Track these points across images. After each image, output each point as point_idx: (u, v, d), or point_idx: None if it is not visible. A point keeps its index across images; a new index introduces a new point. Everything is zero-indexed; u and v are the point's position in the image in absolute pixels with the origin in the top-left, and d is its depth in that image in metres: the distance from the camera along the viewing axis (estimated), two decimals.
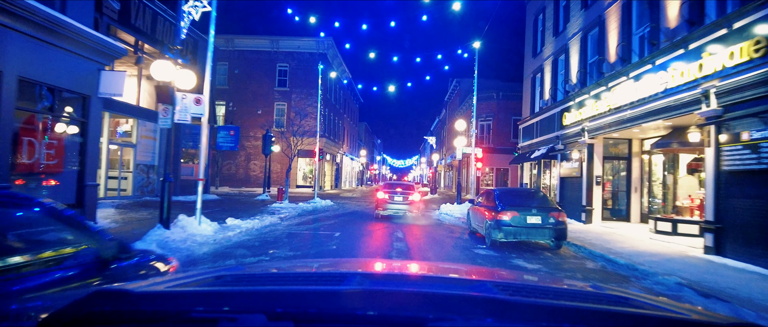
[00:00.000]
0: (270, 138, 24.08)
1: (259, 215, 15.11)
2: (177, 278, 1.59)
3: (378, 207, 16.46)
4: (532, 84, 22.98)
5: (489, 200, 11.21)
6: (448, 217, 17.85)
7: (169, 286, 1.32)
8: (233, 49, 37.14)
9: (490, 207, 10.74)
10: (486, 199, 11.56)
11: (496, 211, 10.27)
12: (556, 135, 18.46)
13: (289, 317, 0.95)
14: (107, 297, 1.04)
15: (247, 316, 0.94)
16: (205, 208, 17.59)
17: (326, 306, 1.03)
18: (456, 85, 49.74)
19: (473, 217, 12.52)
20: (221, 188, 34.25)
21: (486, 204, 11.30)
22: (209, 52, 10.90)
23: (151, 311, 1.00)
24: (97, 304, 1.00)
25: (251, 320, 0.93)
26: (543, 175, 21.24)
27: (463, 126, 21.39)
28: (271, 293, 1.17)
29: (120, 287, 1.15)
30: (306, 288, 1.20)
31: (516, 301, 1.14)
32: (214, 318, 0.95)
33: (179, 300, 1.10)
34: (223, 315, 0.95)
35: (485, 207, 11.19)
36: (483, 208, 11.32)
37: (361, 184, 67.28)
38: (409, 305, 1.05)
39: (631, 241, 11.35)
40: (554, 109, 18.99)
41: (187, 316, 0.97)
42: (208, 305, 1.03)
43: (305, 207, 19.54)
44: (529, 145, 22.39)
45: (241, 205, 19.81)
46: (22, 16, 7.99)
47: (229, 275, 1.45)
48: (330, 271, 1.86)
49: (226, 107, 36.96)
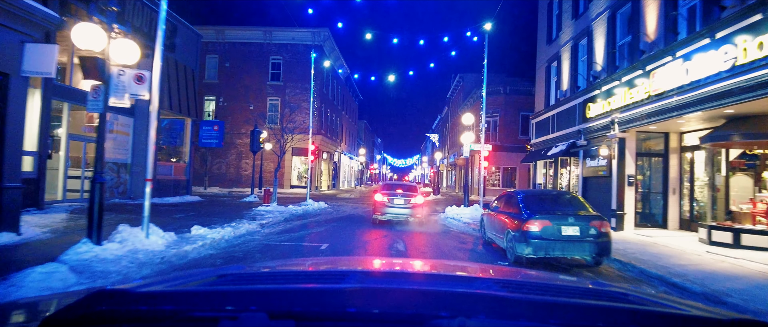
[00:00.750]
0: (258, 134, 21.97)
1: (236, 221, 13.00)
2: (178, 277, 1.62)
3: (375, 211, 14.36)
4: (546, 74, 20.83)
5: (511, 206, 9.07)
6: (455, 223, 15.73)
7: (170, 285, 1.33)
8: (224, 41, 35.03)
9: (514, 214, 8.61)
10: (506, 204, 9.43)
11: (521, 219, 8.14)
12: (577, 129, 16.32)
13: (291, 316, 0.93)
14: (108, 297, 1.01)
15: (249, 315, 0.92)
16: (176, 213, 15.58)
17: (327, 304, 1.03)
18: (459, 81, 47.56)
19: (489, 226, 10.39)
20: (210, 189, 32.14)
21: (507, 210, 9.17)
22: (161, 11, 8.71)
23: (152, 311, 0.98)
24: (98, 304, 0.97)
25: (252, 319, 0.91)
26: (560, 175, 19.10)
27: (471, 120, 19.24)
28: (272, 292, 1.18)
29: (121, 287, 1.11)
30: (307, 286, 1.26)
31: (517, 297, 1.19)
32: (215, 317, 0.93)
33: (180, 299, 1.09)
34: (224, 314, 0.94)
35: (506, 214, 9.06)
36: (503, 216, 9.19)
37: (361, 184, 65.08)
38: (410, 303, 1.05)
39: (686, 255, 9.20)
40: (574, 100, 16.86)
41: (188, 315, 0.96)
42: (209, 304, 1.03)
43: (294, 210, 17.42)
44: (544, 141, 20.25)
45: (222, 208, 17.70)
46: None
47: (231, 274, 1.46)
48: (331, 270, 1.86)
49: (217, 102, 34.86)
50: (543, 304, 1.10)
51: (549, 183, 20.47)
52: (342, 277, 1.44)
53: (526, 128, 34.40)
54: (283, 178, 34.58)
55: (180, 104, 19.77)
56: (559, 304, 1.11)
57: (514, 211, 8.68)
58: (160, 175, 19.23)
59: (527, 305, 1.08)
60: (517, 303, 1.10)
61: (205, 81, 35.13)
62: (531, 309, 1.04)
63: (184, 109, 20.05)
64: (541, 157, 19.65)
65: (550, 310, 1.04)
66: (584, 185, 15.94)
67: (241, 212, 15.97)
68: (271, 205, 17.98)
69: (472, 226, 14.48)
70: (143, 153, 18.18)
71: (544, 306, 1.08)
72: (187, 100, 20.33)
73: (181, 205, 17.99)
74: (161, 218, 12.32)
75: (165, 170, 19.70)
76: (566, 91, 18.10)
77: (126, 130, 18.00)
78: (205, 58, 35.25)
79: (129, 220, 9.14)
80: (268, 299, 1.06)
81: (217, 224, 11.91)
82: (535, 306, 1.08)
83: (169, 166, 19.94)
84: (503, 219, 9.07)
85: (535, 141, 21.65)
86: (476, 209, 18.00)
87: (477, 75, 45.68)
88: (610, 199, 13.61)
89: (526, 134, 34.20)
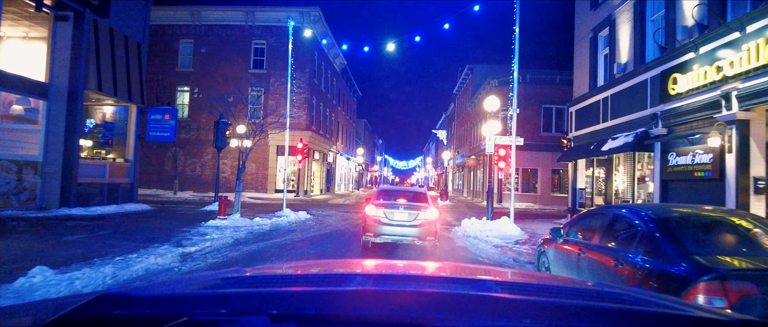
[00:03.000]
0: (224, 126, 17.38)
1: (155, 246, 8.46)
2: (179, 281, 1.57)
3: (366, 230, 9.77)
4: (591, 47, 16.16)
5: (627, 239, 4.41)
6: (482, 246, 11.08)
7: (171, 288, 1.34)
8: (200, 23, 30.47)
9: (647, 263, 3.94)
10: (609, 234, 4.78)
11: (677, 277, 3.51)
12: (650, 113, 11.66)
13: (292, 318, 0.94)
14: (110, 300, 1.02)
15: (250, 318, 0.93)
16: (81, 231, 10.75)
17: (328, 307, 1.03)
18: (467, 73, 42.87)
19: (569, 269, 5.67)
20: (182, 193, 27.56)
21: (618, 248, 4.51)
22: None
23: (153, 314, 0.99)
24: (100, 307, 0.99)
25: (253, 322, 0.92)
26: (613, 178, 14.42)
27: (496, 105, 14.53)
28: (273, 295, 1.18)
29: (122, 291, 1.12)
30: (308, 289, 1.24)
31: (518, 299, 1.16)
32: (216, 320, 0.94)
33: (181, 302, 1.10)
34: (225, 317, 0.95)
35: (618, 257, 4.37)
36: (610, 259, 4.51)
37: (360, 187, 60.34)
38: (411, 305, 1.04)
39: None
40: (644, 73, 12.20)
41: (189, 318, 0.95)
42: (210, 307, 1.04)
43: (258, 226, 12.79)
44: (590, 133, 15.59)
45: (162, 222, 13.07)
46: None
47: (232, 277, 1.45)
48: (331, 272, 1.83)
49: (191, 94, 30.26)
50: (545, 305, 1.10)
51: (599, 189, 15.80)
52: (343, 279, 1.43)
53: (549, 123, 29.75)
54: (266, 182, 29.95)
55: (117, 86, 15.16)
56: (561, 306, 1.10)
57: (645, 252, 4.03)
58: (87, 178, 14.60)
59: (529, 307, 1.07)
60: (519, 304, 1.09)
61: (178, 69, 30.60)
62: (533, 310, 1.04)
63: (122, 93, 15.44)
64: (588, 154, 14.99)
65: (552, 312, 1.03)
66: (663, 191, 11.26)
67: (181, 229, 11.36)
68: (228, 217, 13.35)
69: (510, 254, 9.83)
70: (61, 148, 13.56)
71: (546, 307, 1.07)
72: (128, 81, 15.72)
73: (109, 217, 13.38)
74: (36, 244, 7.90)
75: (95, 171, 15.04)
76: (626, 65, 13.44)
77: (34, 117, 13.40)
78: (178, 44, 30.75)
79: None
80: (269, 302, 1.06)
81: (115, 254, 7.50)
82: (537, 308, 1.07)
83: (102, 166, 15.28)
84: (614, 267, 4.39)
85: (576, 134, 16.97)
86: (506, 223, 13.34)
87: (488, 66, 40.93)
88: None
89: (549, 130, 29.52)
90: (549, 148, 28.05)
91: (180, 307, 1.03)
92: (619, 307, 1.15)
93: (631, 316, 1.07)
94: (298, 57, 29.81)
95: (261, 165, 30.22)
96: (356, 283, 1.33)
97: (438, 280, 1.67)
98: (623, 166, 14.30)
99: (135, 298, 1.05)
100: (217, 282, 1.37)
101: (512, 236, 12.31)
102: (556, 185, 29.58)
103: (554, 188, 29.36)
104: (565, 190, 30.54)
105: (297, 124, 30.01)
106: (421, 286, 1.42)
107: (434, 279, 1.71)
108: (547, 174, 29.15)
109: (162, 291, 1.25)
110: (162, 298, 1.12)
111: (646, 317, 1.08)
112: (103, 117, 16.70)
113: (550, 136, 28.75)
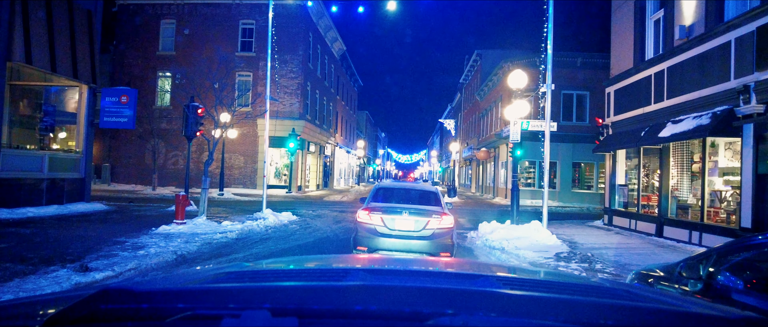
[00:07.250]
0: (195, 109, 14.57)
1: (45, 272, 5.68)
2: (181, 276, 1.59)
3: (358, 244, 7.14)
4: (636, 12, 13.21)
5: None
6: (513, 264, 8.31)
7: (172, 283, 1.33)
8: (183, 2, 27.60)
9: None
10: None
11: None
12: (738, 85, 8.75)
13: (293, 313, 0.91)
14: (111, 295, 0.98)
15: (251, 313, 0.90)
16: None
17: (330, 301, 1.02)
18: (477, 59, 39.86)
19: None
20: (161, 189, 24.85)
21: None
22: None
23: (155, 309, 0.96)
24: (102, 302, 0.95)
25: (255, 316, 0.89)
26: (670, 172, 11.56)
27: (524, 81, 11.60)
28: (275, 289, 1.17)
29: (124, 285, 1.08)
30: (309, 283, 1.24)
31: (519, 295, 1.15)
32: (218, 315, 0.90)
33: (183, 297, 1.07)
34: (227, 311, 0.91)
35: None
36: None
37: (361, 182, 57.53)
38: (412, 300, 1.03)
39: None
40: (726, 33, 9.28)
41: (191, 313, 0.93)
42: (211, 302, 1.03)
43: (225, 233, 10.02)
44: (638, 117, 12.69)
45: (97, 228, 10.27)
46: None
47: (233, 272, 1.46)
48: (333, 267, 1.80)
49: (173, 80, 27.46)
50: (546, 301, 1.10)
51: (645, 187, 12.93)
52: (345, 274, 1.40)
53: (570, 111, 26.84)
54: (255, 176, 27.21)
55: (56, 60, 12.34)
56: (562, 301, 1.09)
57: None
58: (14, 171, 11.81)
59: (530, 302, 1.07)
60: (519, 300, 1.08)
61: (159, 53, 27.84)
62: (534, 306, 1.04)
63: (64, 68, 12.62)
64: (637, 143, 12.12)
65: (552, 307, 1.03)
66: (760, 189, 8.37)
67: (116, 239, 8.59)
68: (189, 222, 10.59)
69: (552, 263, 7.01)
70: None
71: (546, 303, 1.07)
72: (73, 55, 12.91)
73: (36, 222, 10.60)
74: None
75: (27, 163, 12.21)
76: (693, 27, 10.52)
77: None
78: (159, 26, 27.94)
79: None
80: (270, 296, 1.04)
81: None
82: (538, 303, 1.07)
83: (38, 158, 12.45)
84: None
85: (616, 118, 14.06)
86: (538, 230, 10.56)
87: (498, 51, 37.90)
88: None
89: (569, 118, 26.60)
90: (570, 138, 25.17)
91: (182, 302, 0.99)
92: (621, 303, 1.14)
93: (633, 312, 1.04)
94: (291, 37, 26.97)
95: (250, 158, 27.47)
96: (358, 277, 1.33)
97: (439, 276, 1.61)
98: (682, 156, 11.45)
99: (137, 292, 1.01)
100: (217, 276, 1.36)
101: (549, 248, 9.50)
102: (577, 180, 26.71)
103: (575, 184, 26.48)
104: (585, 185, 27.72)
105: (289, 112, 27.19)
106: (422, 281, 1.40)
107: (436, 275, 1.64)
108: (567, 168, 26.27)
109: (164, 285, 1.26)
110: (164, 293, 1.11)
111: (647, 312, 1.06)
112: (46, 99, 13.91)
113: (570, 125, 25.87)
